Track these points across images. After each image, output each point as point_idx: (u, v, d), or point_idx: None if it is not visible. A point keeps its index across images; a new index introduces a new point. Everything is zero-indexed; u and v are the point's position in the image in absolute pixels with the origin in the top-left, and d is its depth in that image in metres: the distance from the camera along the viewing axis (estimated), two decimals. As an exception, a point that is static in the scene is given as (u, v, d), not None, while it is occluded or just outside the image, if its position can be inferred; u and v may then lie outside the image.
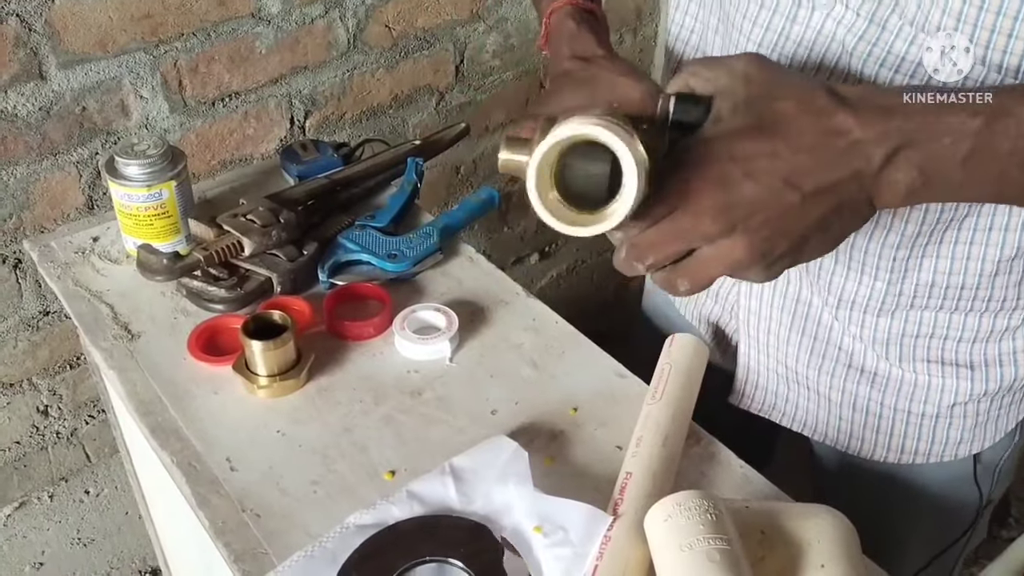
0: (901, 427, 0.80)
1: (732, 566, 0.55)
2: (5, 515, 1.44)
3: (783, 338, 0.80)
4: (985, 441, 0.80)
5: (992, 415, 0.79)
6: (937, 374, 0.76)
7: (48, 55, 1.13)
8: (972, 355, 0.75)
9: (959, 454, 0.80)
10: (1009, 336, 0.75)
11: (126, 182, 0.88)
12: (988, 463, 0.83)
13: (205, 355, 0.81)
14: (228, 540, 0.67)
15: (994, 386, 0.76)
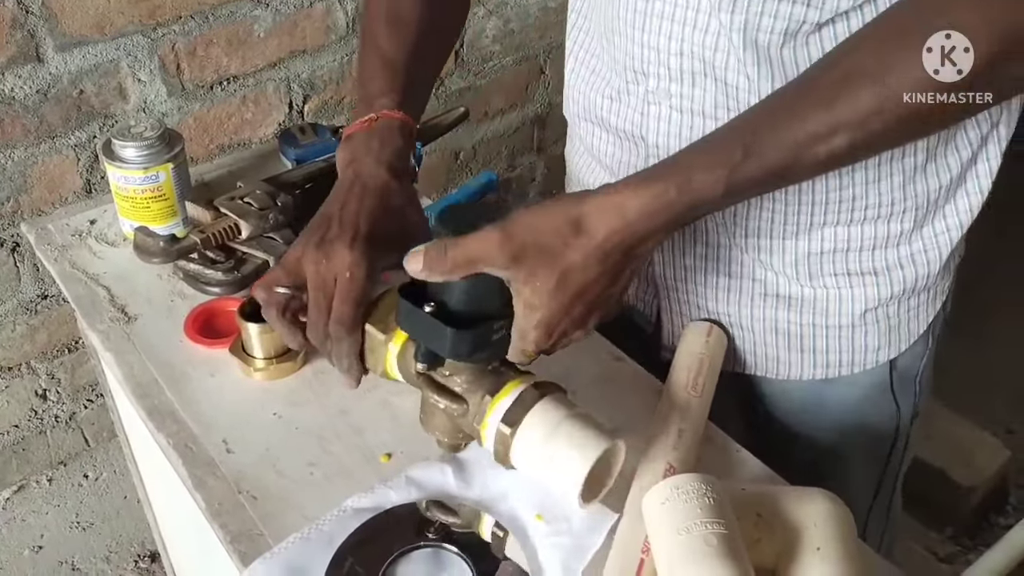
0: (821, 342, 0.83)
1: (729, 550, 0.55)
2: (4, 498, 1.45)
3: (700, 282, 0.83)
4: (900, 344, 0.84)
5: (903, 318, 0.83)
6: (846, 285, 0.80)
7: (45, 37, 1.13)
8: (875, 262, 0.79)
9: (879, 360, 0.84)
10: (905, 240, 0.78)
11: (123, 164, 0.87)
12: (905, 372, 0.86)
13: (201, 337, 0.81)
14: (224, 521, 0.67)
15: (898, 288, 0.80)
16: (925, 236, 0.79)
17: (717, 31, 0.69)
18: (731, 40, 0.68)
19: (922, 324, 0.84)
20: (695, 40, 0.70)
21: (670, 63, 0.72)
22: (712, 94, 0.72)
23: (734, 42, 0.68)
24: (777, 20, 0.66)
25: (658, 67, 0.73)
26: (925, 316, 0.84)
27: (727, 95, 0.72)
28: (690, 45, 0.70)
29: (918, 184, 0.75)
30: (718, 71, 0.70)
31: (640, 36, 0.72)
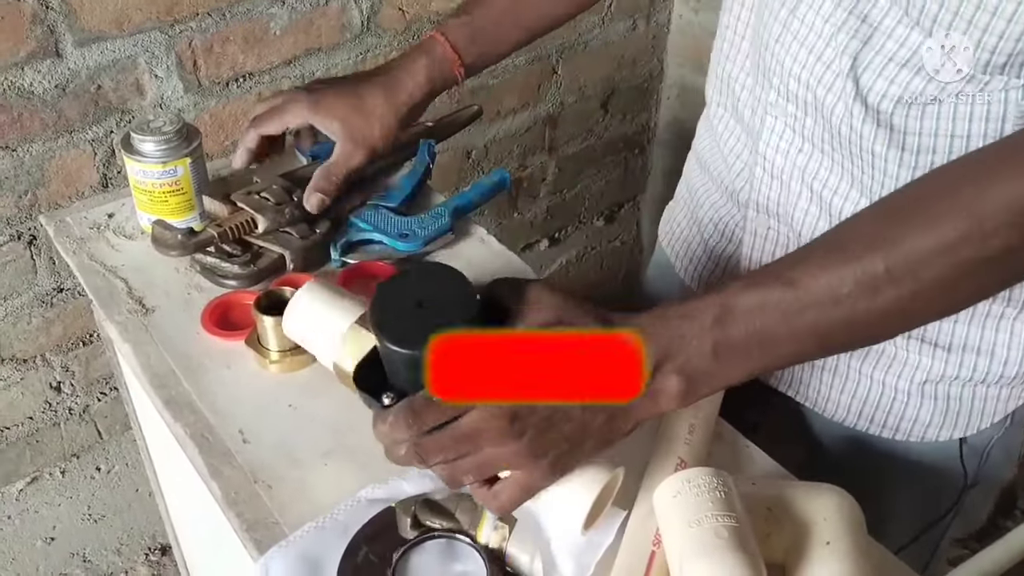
0: (875, 396, 0.80)
1: (740, 543, 0.56)
2: (17, 490, 1.46)
3: None
4: (966, 428, 0.80)
5: (966, 404, 0.78)
6: (914, 350, 0.76)
7: (65, 33, 1.14)
8: (952, 336, 0.75)
9: (940, 437, 0.80)
10: (994, 325, 0.74)
11: (142, 158, 0.88)
12: (974, 446, 0.82)
13: (218, 329, 0.82)
14: (240, 510, 0.68)
15: (966, 373, 0.76)
16: (1015, 329, 0.74)
17: (836, 72, 0.67)
18: (843, 85, 0.67)
19: (989, 417, 0.80)
20: (814, 71, 0.68)
21: (790, 84, 0.71)
22: (820, 129, 0.71)
23: (847, 89, 0.67)
24: (881, 80, 0.64)
25: (780, 83, 0.72)
26: (993, 410, 0.79)
27: (832, 135, 0.70)
28: (808, 75, 0.69)
29: None
30: (826, 110, 0.69)
31: (774, 46, 0.71)
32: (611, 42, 1.75)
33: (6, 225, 1.23)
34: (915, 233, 0.53)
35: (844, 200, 0.73)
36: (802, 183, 0.75)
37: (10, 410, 1.37)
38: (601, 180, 1.96)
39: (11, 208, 1.22)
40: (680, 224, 0.95)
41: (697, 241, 0.91)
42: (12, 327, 1.30)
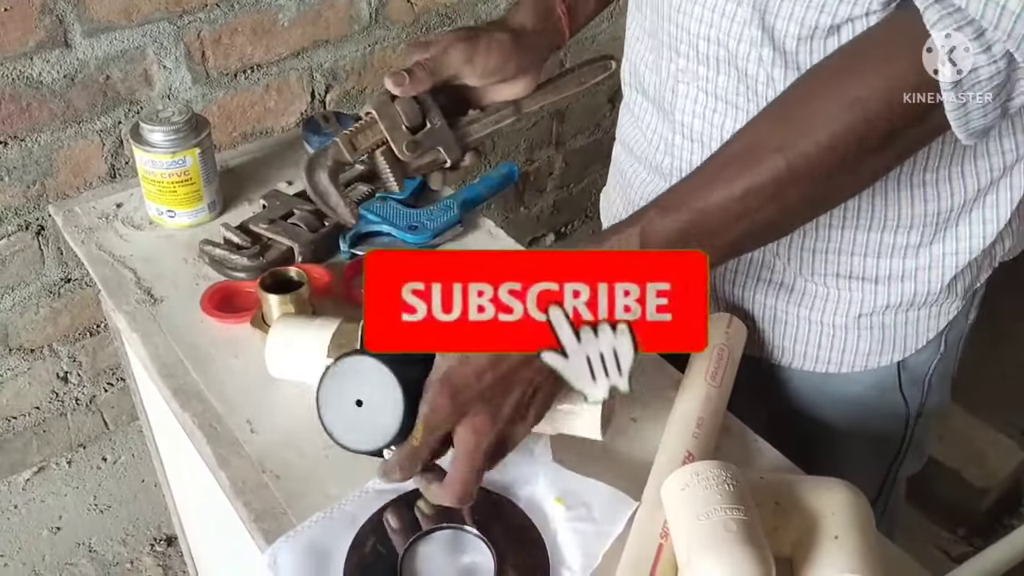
0: (816, 337, 0.84)
1: (748, 535, 0.56)
2: (24, 479, 1.46)
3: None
4: (897, 353, 0.84)
5: (900, 329, 0.83)
6: (845, 287, 0.81)
7: (73, 23, 1.14)
8: (877, 270, 0.80)
9: (876, 363, 0.84)
10: (912, 254, 0.79)
11: (151, 148, 0.89)
12: (913, 374, 0.86)
13: (219, 312, 0.82)
14: (248, 500, 0.68)
15: (895, 300, 0.81)
16: (933, 253, 0.79)
17: (743, 22, 0.70)
18: (751, 33, 0.69)
19: (923, 336, 0.84)
20: (722, 27, 0.71)
21: (698, 46, 0.74)
22: (734, 82, 0.73)
23: (755, 36, 0.69)
24: (791, 22, 0.67)
25: (688, 48, 0.75)
26: (926, 329, 0.84)
27: (747, 86, 0.73)
28: (717, 32, 0.72)
29: (929, 201, 0.75)
30: (740, 61, 0.72)
31: (676, 16, 0.74)
32: (619, 37, 1.74)
33: (14, 215, 1.23)
34: (808, 134, 0.59)
35: None
36: (722, 141, 0.75)
37: (17, 400, 1.37)
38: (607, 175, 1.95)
39: (19, 198, 1.22)
40: (616, 208, 0.98)
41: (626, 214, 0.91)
42: (20, 317, 1.30)
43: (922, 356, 0.86)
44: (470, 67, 0.78)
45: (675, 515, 0.60)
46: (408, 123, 0.76)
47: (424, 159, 0.77)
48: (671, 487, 0.61)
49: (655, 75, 0.81)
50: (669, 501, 0.61)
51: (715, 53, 0.73)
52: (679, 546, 0.58)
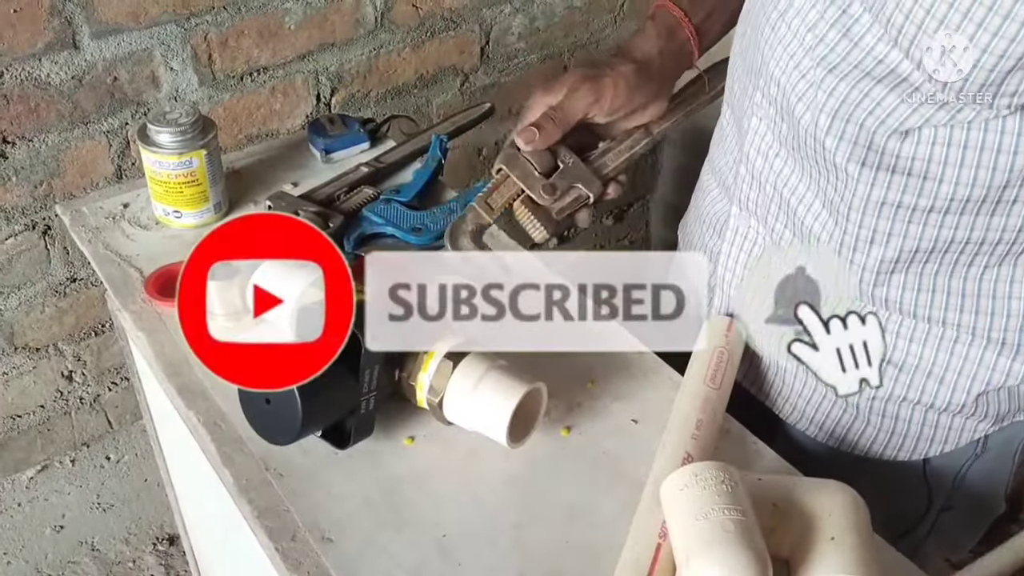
0: (827, 406, 0.80)
1: (746, 537, 0.56)
2: (28, 477, 1.47)
3: (748, 298, 0.81)
4: (914, 452, 0.80)
5: (915, 428, 0.78)
6: None
7: (82, 24, 1.15)
8: (905, 354, 0.75)
9: (896, 457, 0.80)
10: (947, 347, 0.74)
11: (158, 149, 0.89)
12: (939, 468, 0.81)
13: (160, 296, 0.84)
14: (251, 497, 0.68)
15: (915, 395, 0.76)
16: (971, 356, 0.74)
17: (810, 83, 0.67)
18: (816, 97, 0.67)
19: (948, 444, 0.79)
20: (792, 78, 0.69)
21: (771, 87, 0.71)
22: (792, 136, 0.71)
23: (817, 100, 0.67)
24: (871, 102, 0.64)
25: (764, 84, 0.72)
26: (946, 439, 0.79)
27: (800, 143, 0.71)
28: (786, 79, 0.69)
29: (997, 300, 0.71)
30: (795, 118, 0.70)
31: (763, 47, 0.71)
32: (623, 41, 1.76)
33: (21, 215, 1.24)
34: None
35: (808, 210, 0.73)
36: (774, 188, 0.76)
37: (22, 398, 1.38)
38: (611, 179, 1.96)
39: (26, 198, 1.23)
40: (689, 217, 0.96)
41: (696, 233, 0.91)
42: (25, 316, 1.31)
43: (950, 457, 0.80)
44: (598, 107, 0.78)
45: (673, 515, 0.60)
46: (541, 168, 0.77)
47: (565, 200, 0.78)
48: (670, 488, 0.61)
49: (741, 97, 0.78)
50: (668, 501, 0.61)
51: (780, 100, 0.70)
52: (677, 546, 0.59)
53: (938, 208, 0.66)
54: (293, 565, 0.64)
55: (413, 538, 0.66)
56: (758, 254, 0.80)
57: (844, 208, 0.70)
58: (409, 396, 0.73)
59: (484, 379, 0.69)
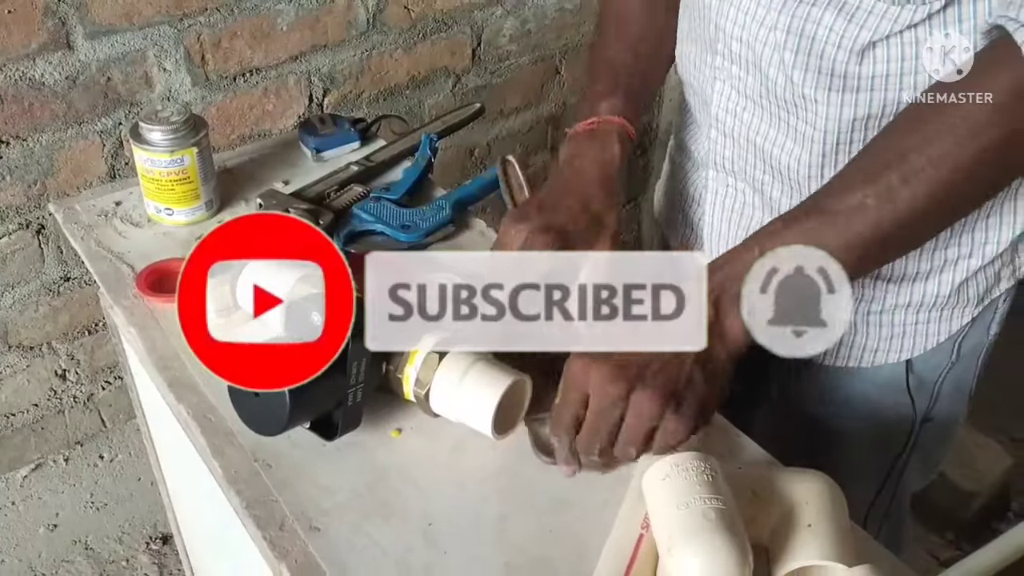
0: None
1: (727, 524, 0.58)
2: (22, 476, 1.48)
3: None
4: (911, 351, 0.86)
5: (908, 328, 0.85)
6: (856, 285, 0.81)
7: (76, 25, 1.16)
8: (891, 270, 0.82)
9: (887, 360, 0.87)
10: (926, 257, 0.81)
11: (150, 147, 0.91)
12: (922, 377, 0.89)
13: (152, 293, 0.85)
14: (240, 488, 0.69)
15: (904, 300, 0.83)
16: (948, 257, 0.81)
17: (771, 27, 0.73)
18: (776, 38, 0.73)
19: (932, 339, 0.86)
20: (751, 30, 0.75)
21: (732, 46, 0.77)
22: (759, 85, 0.77)
23: (779, 40, 0.73)
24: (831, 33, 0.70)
25: (724, 47, 0.78)
26: (935, 332, 0.86)
27: (768, 88, 0.77)
28: (748, 34, 0.75)
29: None
30: (763, 64, 0.75)
31: (716, 17, 0.78)
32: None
33: (15, 214, 1.25)
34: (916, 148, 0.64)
35: (781, 151, 0.80)
36: (747, 139, 0.82)
37: (16, 397, 1.39)
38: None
39: (20, 197, 1.24)
40: (665, 200, 1.02)
41: (677, 212, 0.97)
42: (20, 315, 1.32)
43: (932, 361, 0.87)
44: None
45: (656, 505, 0.62)
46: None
47: None
48: (652, 478, 0.62)
49: (697, 68, 0.84)
50: (650, 491, 0.62)
51: (744, 55, 0.77)
52: (660, 535, 0.60)
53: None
54: (281, 554, 0.65)
55: (399, 527, 0.67)
56: (740, 209, 0.87)
57: (816, 134, 0.76)
58: (396, 389, 0.74)
59: (470, 371, 0.70)
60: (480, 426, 0.70)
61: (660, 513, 0.61)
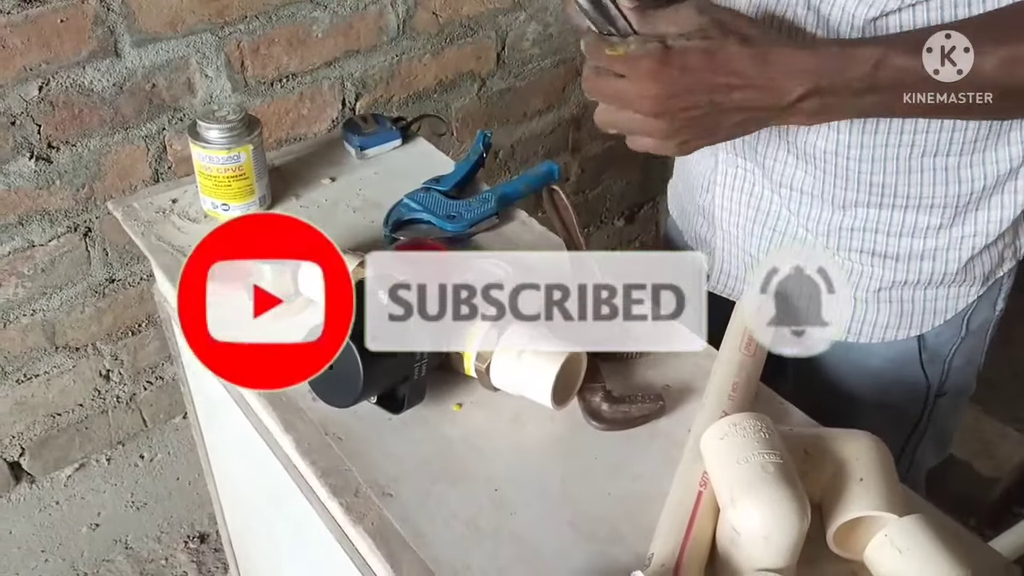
0: None
1: (786, 476, 0.61)
2: (66, 476, 1.51)
3: (747, 231, 0.92)
4: (921, 327, 0.90)
5: (918, 304, 0.89)
6: (868, 263, 0.87)
7: (123, 33, 1.21)
8: (899, 248, 0.86)
9: (897, 336, 0.91)
10: (932, 234, 0.84)
11: (207, 145, 0.95)
12: (934, 352, 0.92)
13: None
14: (314, 459, 0.73)
15: (914, 277, 0.87)
16: (952, 235, 0.85)
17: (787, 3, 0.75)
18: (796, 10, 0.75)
19: (941, 315, 0.90)
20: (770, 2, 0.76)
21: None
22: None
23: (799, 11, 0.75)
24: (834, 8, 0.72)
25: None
26: (944, 309, 0.90)
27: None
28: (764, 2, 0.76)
29: (950, 184, 0.81)
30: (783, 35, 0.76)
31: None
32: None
33: (64, 217, 1.29)
34: None
35: (800, 126, 0.82)
36: None
37: (62, 397, 1.43)
38: (622, 181, 2.02)
39: (69, 201, 1.28)
40: (677, 190, 1.06)
41: (687, 200, 1.01)
42: (67, 316, 1.36)
43: (943, 336, 0.91)
44: None
45: (715, 461, 0.65)
46: None
47: None
48: (710, 437, 0.66)
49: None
50: (709, 450, 0.66)
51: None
52: (720, 490, 0.63)
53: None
54: (357, 517, 0.69)
55: (467, 491, 0.70)
56: (750, 189, 0.90)
57: None
58: (457, 365, 0.77)
59: (528, 346, 0.74)
60: (540, 397, 0.74)
61: (720, 469, 0.64)
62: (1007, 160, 0.80)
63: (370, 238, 0.97)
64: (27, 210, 1.25)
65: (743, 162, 0.90)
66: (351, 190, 1.05)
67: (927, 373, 0.94)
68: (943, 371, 0.94)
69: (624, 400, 0.76)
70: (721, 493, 0.63)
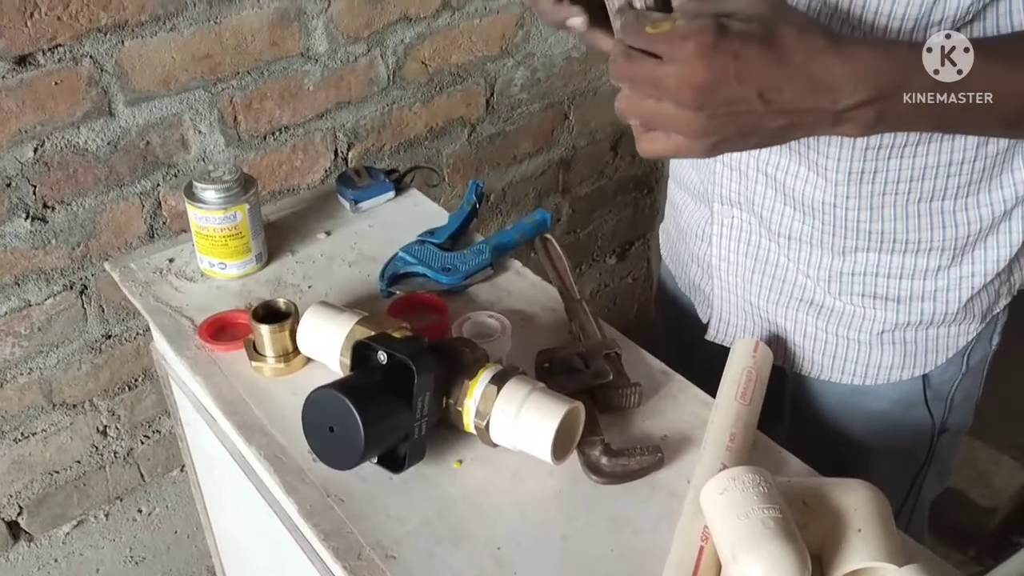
0: (842, 351, 0.92)
1: (786, 531, 0.62)
2: (64, 533, 1.51)
3: (747, 279, 0.94)
4: (924, 366, 0.92)
5: (921, 345, 0.91)
6: (869, 306, 0.89)
7: (117, 93, 1.22)
8: (899, 290, 0.87)
9: (902, 377, 0.92)
10: (932, 276, 0.86)
11: (203, 205, 0.96)
12: (938, 390, 0.94)
13: (213, 341, 0.90)
14: (316, 521, 0.73)
15: (916, 318, 0.88)
16: (951, 276, 0.86)
17: None
18: None
19: (943, 354, 0.91)
20: None
21: None
22: None
23: None
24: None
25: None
26: (946, 347, 0.91)
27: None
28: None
29: (947, 228, 0.83)
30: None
31: None
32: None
33: (60, 275, 1.29)
34: None
35: (795, 179, 0.83)
36: (757, 170, 0.86)
37: (59, 455, 1.42)
38: (612, 219, 2.04)
39: (65, 259, 1.29)
40: (671, 236, 1.07)
41: (682, 248, 1.03)
42: (64, 373, 1.36)
43: (946, 374, 0.93)
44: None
45: (716, 517, 0.65)
46: None
47: None
48: (710, 492, 0.66)
49: None
50: (709, 505, 0.66)
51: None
52: (722, 545, 0.64)
53: (912, 141, 0.77)
54: (361, 581, 0.69)
55: (470, 551, 0.70)
56: (747, 239, 0.91)
57: (830, 162, 0.79)
58: (456, 422, 0.78)
59: (527, 401, 0.75)
60: (540, 453, 0.74)
61: (721, 524, 0.65)
62: (1001, 202, 0.82)
63: (367, 293, 0.98)
64: (23, 270, 1.26)
65: (739, 212, 0.90)
66: (346, 244, 1.06)
67: (931, 411, 0.95)
68: (946, 408, 0.96)
69: (623, 453, 0.76)
70: (722, 549, 0.64)
